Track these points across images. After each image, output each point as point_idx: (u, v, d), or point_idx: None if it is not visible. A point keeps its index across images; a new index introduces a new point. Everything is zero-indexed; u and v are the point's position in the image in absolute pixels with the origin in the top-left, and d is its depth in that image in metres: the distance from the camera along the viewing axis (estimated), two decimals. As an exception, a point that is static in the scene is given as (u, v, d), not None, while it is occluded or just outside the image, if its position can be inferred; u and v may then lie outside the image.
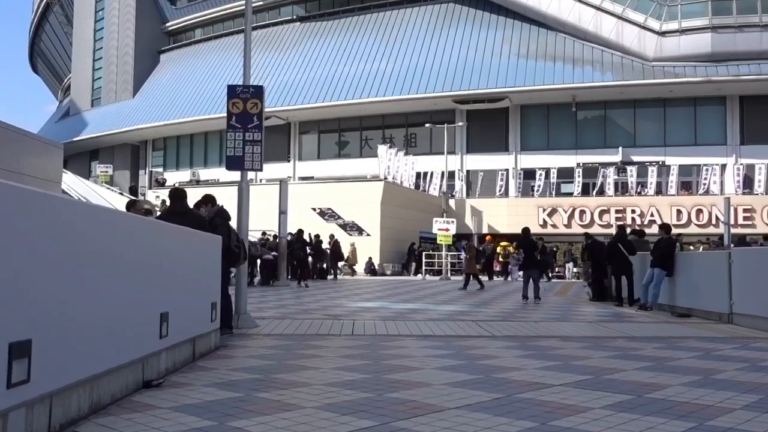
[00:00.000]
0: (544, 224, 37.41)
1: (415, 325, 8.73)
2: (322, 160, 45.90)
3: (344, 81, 43.71)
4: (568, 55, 39.84)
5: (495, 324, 8.98)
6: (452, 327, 8.60)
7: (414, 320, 9.47)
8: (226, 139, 8.57)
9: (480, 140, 42.47)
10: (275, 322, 8.89)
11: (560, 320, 9.77)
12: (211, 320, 6.24)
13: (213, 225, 7.43)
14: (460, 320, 9.51)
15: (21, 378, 2.81)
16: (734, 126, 38.67)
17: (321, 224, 30.73)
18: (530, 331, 8.28)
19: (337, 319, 9.38)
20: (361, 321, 9.20)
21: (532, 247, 13.72)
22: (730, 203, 23.65)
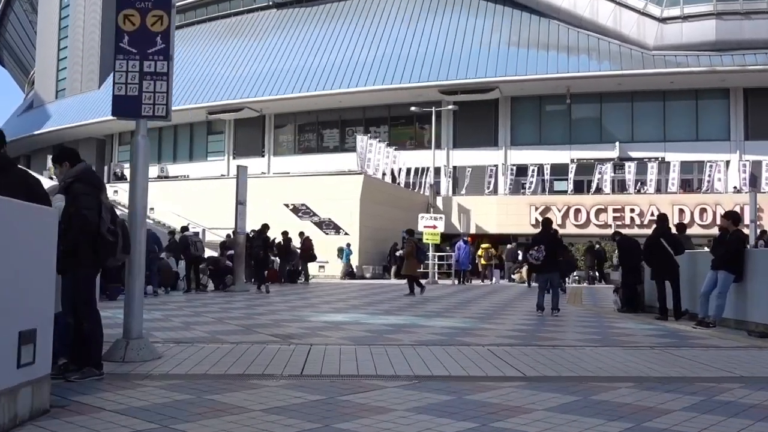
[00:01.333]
0: (536, 224, 34.43)
1: (400, 356, 5.84)
2: (298, 155, 42.87)
3: (323, 70, 40.74)
4: (562, 44, 37.19)
5: (517, 352, 6.12)
6: (456, 358, 5.72)
7: (397, 345, 6.58)
8: (114, 70, 5.59)
9: (468, 134, 39.67)
10: (192, 350, 5.95)
11: (605, 343, 6.93)
12: (17, 364, 3.29)
13: (72, 194, 4.51)
14: (465, 345, 6.65)
15: None
16: (738, 120, 36.21)
17: (295, 222, 27.77)
18: (576, 364, 5.44)
19: (286, 343, 6.47)
20: (322, 346, 6.31)
21: (556, 244, 10.91)
22: (756, 199, 21.00)
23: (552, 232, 11.04)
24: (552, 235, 10.96)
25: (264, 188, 29.59)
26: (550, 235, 10.91)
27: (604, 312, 11.31)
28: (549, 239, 10.69)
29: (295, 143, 43.95)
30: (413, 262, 15.38)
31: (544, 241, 10.55)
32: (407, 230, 15.74)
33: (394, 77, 38.54)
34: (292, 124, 44.01)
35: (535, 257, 10.39)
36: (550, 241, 10.66)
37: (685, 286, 9.83)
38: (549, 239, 10.69)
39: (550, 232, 10.94)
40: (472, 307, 12.13)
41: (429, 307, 11.99)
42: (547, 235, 10.77)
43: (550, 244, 10.57)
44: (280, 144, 44.41)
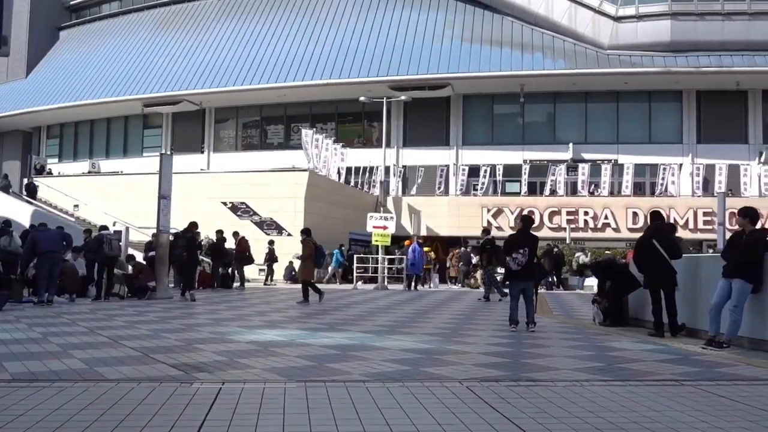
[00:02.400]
0: (488, 226, 33.31)
1: (347, 403, 4.09)
2: (241, 152, 40.61)
3: (267, 63, 38.64)
4: (516, 41, 36.08)
5: (508, 392, 4.46)
6: (428, 406, 4.01)
7: (343, 381, 4.83)
8: None
9: (418, 133, 38.18)
10: (41, 395, 4.06)
11: (614, 375, 5.32)
12: None
13: None
14: (434, 379, 4.93)
15: None
16: (690, 124, 35.75)
17: (234, 221, 25.72)
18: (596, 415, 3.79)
19: (189, 379, 4.64)
20: (238, 385, 4.52)
21: (536, 245, 9.35)
22: (725, 201, 19.97)
23: (531, 232, 9.45)
24: (535, 237, 9.40)
25: (201, 185, 27.44)
26: (533, 236, 9.35)
27: (583, 325, 9.78)
28: (532, 241, 9.15)
29: (237, 139, 41.66)
30: (310, 265, 13.55)
31: (528, 243, 8.99)
32: (303, 230, 13.98)
33: (342, 71, 36.77)
34: (234, 119, 41.72)
35: (519, 262, 8.81)
36: (534, 244, 9.11)
37: (682, 296, 8.36)
38: (532, 241, 9.15)
39: (531, 233, 9.37)
40: (431, 319, 10.46)
41: (381, 319, 10.26)
42: (530, 237, 9.22)
43: (533, 248, 9.03)
44: (221, 140, 42.05)
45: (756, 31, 33.11)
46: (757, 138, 35.26)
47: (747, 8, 33.28)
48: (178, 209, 22.79)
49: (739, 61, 33.23)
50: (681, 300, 8.36)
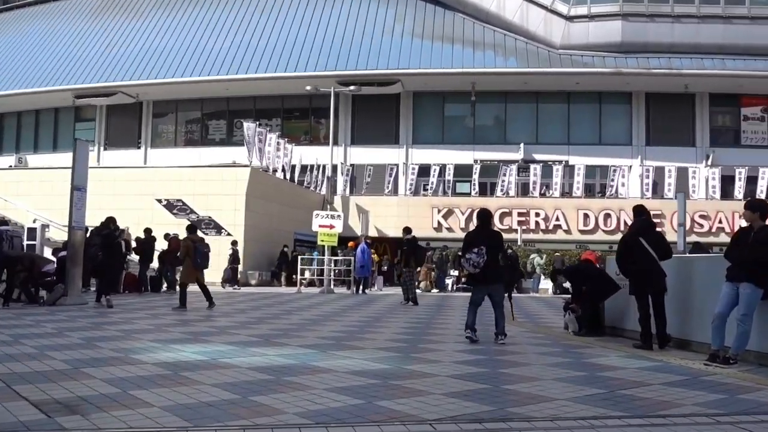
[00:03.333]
0: (438, 227, 32.40)
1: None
2: (180, 148, 38.59)
3: (209, 54, 36.75)
4: (468, 38, 35.23)
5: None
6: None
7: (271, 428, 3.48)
8: None
9: (367, 131, 36.94)
10: None
11: (627, 410, 4.13)
12: None
13: None
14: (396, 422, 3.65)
15: None
16: (640, 126, 35.55)
17: (169, 220, 23.95)
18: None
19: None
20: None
21: (499, 244, 8.05)
22: (685, 202, 19.28)
23: (495, 229, 8.23)
24: (495, 233, 8.16)
25: (134, 181, 25.55)
26: (491, 232, 8.12)
27: (556, 335, 8.67)
28: (490, 238, 7.89)
29: (176, 134, 39.60)
30: (189, 267, 12.10)
31: (485, 240, 7.75)
32: (187, 227, 12.53)
33: (289, 65, 35.23)
34: (174, 113, 39.64)
35: (475, 263, 7.56)
36: (493, 241, 7.87)
37: (669, 302, 7.31)
38: (490, 238, 7.89)
39: (491, 229, 8.16)
40: (384, 328, 9.20)
41: (327, 329, 8.93)
42: (487, 233, 7.98)
43: (493, 245, 7.78)
44: (159, 135, 39.91)
45: (704, 34, 33.10)
46: (705, 141, 35.32)
47: (696, 11, 33.24)
48: (108, 207, 21.06)
49: (687, 64, 33.15)
50: (668, 307, 7.31)
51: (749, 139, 35.70)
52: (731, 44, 32.95)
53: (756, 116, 35.77)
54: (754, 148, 35.28)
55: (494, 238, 7.96)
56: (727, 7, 33.04)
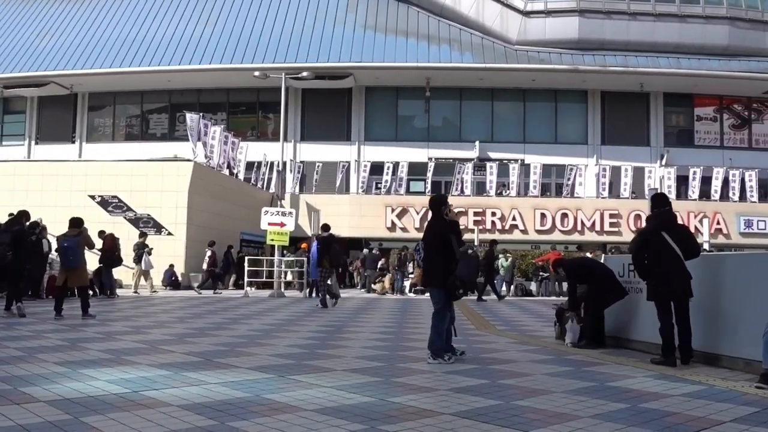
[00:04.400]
0: (392, 227, 31.17)
1: None
2: (118, 143, 36.31)
3: (149, 43, 34.64)
4: (422, 32, 34.11)
5: None
6: None
7: None
8: None
9: (318, 126, 35.44)
10: None
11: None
12: None
13: None
14: None
15: None
16: (595, 125, 35.12)
17: (104, 218, 22.01)
18: None
19: None
20: None
21: (431, 239, 6.53)
22: None
23: (446, 219, 6.63)
24: (428, 225, 6.70)
25: (65, 176, 23.45)
26: (435, 221, 6.68)
27: (552, 346, 7.45)
28: (429, 229, 6.60)
29: (114, 128, 37.27)
30: (82, 268, 10.39)
31: (427, 233, 6.51)
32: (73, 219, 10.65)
33: (235, 56, 33.43)
34: (111, 106, 37.31)
35: (418, 262, 6.37)
36: (426, 234, 6.56)
37: (694, 310, 6.17)
38: (429, 229, 6.60)
39: (441, 218, 6.69)
40: (350, 340, 7.85)
41: (282, 343, 7.51)
42: (430, 223, 6.68)
43: (426, 240, 6.50)
44: (95, 129, 37.52)
45: (660, 33, 32.84)
46: (659, 141, 35.11)
47: (652, 9, 32.95)
48: (36, 204, 19.08)
49: (643, 62, 32.83)
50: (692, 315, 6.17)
51: (702, 139, 35.68)
52: (686, 43, 32.78)
53: (709, 116, 35.78)
54: (707, 148, 35.27)
55: (426, 230, 6.65)
56: (683, 5, 32.85)
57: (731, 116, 35.96)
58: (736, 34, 32.85)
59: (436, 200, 6.79)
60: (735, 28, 32.90)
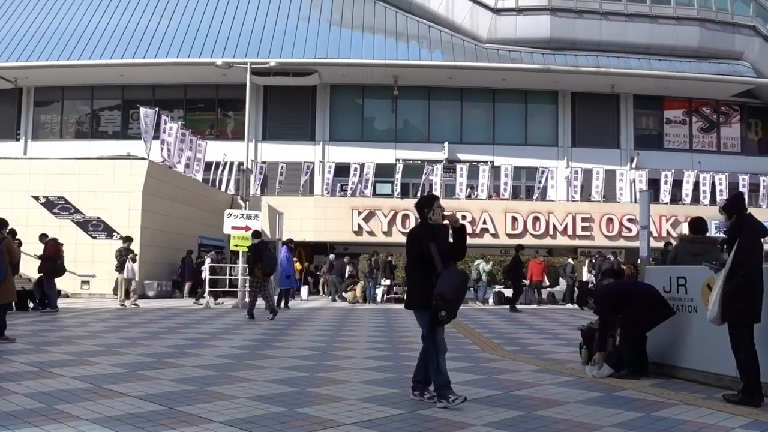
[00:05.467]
0: (359, 230, 29.87)
1: None
2: (67, 141, 34.15)
3: (101, 35, 32.62)
4: (390, 29, 32.92)
5: None
6: None
7: None
8: None
9: (281, 126, 33.93)
10: None
11: None
12: None
13: None
14: None
15: None
16: (566, 127, 34.46)
17: (50, 221, 20.23)
18: None
19: None
20: None
21: (410, 250, 5.40)
22: (648, 199, 17.31)
23: (430, 223, 5.40)
24: (422, 228, 5.48)
25: (5, 174, 21.49)
26: (416, 226, 5.60)
27: (585, 376, 6.23)
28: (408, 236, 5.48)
29: (62, 125, 35.07)
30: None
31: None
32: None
33: (193, 50, 31.70)
34: (59, 101, 35.12)
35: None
36: (408, 239, 5.44)
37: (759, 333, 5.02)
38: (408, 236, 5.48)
39: (423, 222, 5.45)
40: (340, 369, 6.50)
41: (260, 376, 6.14)
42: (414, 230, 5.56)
43: (407, 247, 5.40)
44: (42, 126, 35.27)
45: (632, 34, 32.35)
46: (629, 143, 34.66)
47: (623, 9, 32.43)
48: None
49: (615, 63, 32.29)
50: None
51: (671, 142, 35.37)
52: (657, 44, 32.34)
53: (678, 119, 35.49)
54: (676, 151, 34.96)
55: (412, 241, 5.45)
56: (654, 6, 32.40)
57: (700, 119, 35.74)
58: (707, 36, 32.55)
59: (420, 202, 5.59)
60: (705, 29, 32.59)
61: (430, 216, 5.38)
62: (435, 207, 5.44)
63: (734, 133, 35.97)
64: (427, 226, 5.38)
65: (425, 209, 5.45)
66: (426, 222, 5.41)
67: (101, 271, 20.31)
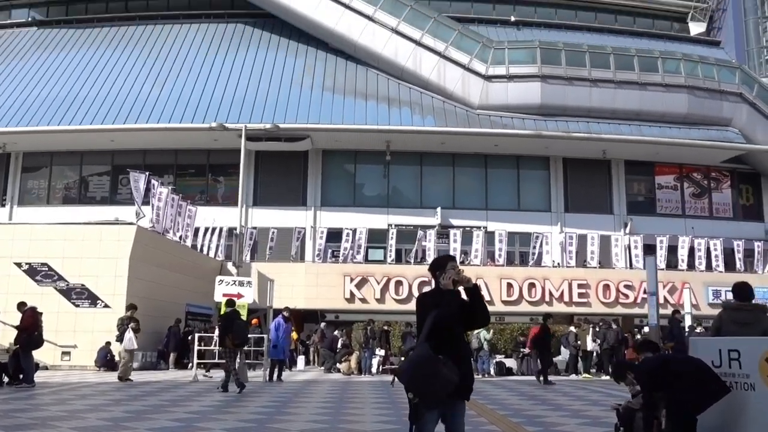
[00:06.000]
0: (351, 297, 29.11)
1: None
2: (54, 207, 33.54)
3: (93, 101, 32.52)
4: (382, 94, 33.07)
5: None
6: None
7: None
8: None
9: (271, 190, 33.56)
10: None
11: None
12: None
13: None
14: None
15: None
16: (558, 192, 34.33)
17: (32, 289, 19.44)
18: None
19: None
20: None
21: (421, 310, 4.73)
22: (655, 265, 16.85)
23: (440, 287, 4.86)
24: (429, 294, 4.96)
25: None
26: (429, 292, 5.00)
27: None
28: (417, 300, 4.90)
29: (49, 191, 34.47)
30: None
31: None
32: None
33: (185, 116, 31.56)
34: (48, 167, 34.67)
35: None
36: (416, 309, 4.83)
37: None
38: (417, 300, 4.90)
39: (434, 287, 4.93)
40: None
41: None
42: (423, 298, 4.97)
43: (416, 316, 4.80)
44: (29, 191, 34.70)
45: (621, 100, 32.67)
46: (622, 209, 34.53)
47: (612, 76, 32.82)
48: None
49: (606, 129, 32.46)
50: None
51: (664, 207, 35.29)
52: (647, 111, 32.65)
53: (669, 185, 35.52)
54: (669, 216, 34.84)
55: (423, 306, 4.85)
56: (642, 74, 32.83)
57: (691, 185, 35.79)
58: (695, 103, 32.92)
59: (432, 265, 5.03)
60: (694, 96, 32.99)
61: (442, 278, 4.89)
62: (447, 269, 4.92)
63: (725, 199, 35.99)
64: (437, 291, 4.88)
65: (437, 272, 4.94)
66: (438, 287, 4.91)
67: (83, 342, 19.49)
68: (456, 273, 4.91)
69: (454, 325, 4.72)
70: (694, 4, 40.44)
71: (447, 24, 33.93)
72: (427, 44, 33.11)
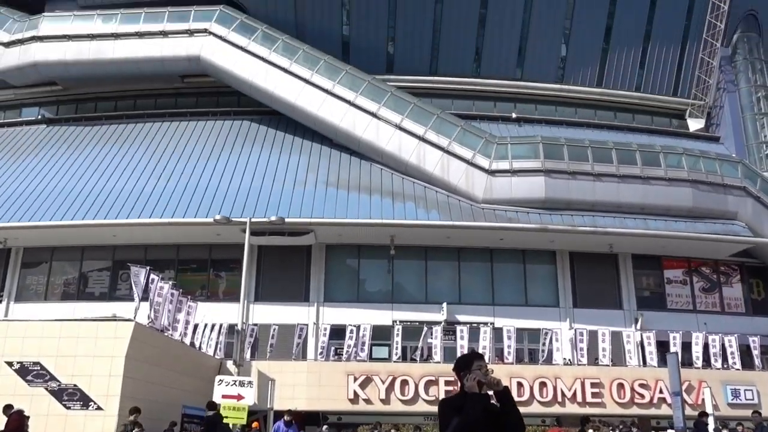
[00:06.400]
0: (355, 398, 27.87)
1: None
2: (52, 303, 32.93)
3: (96, 197, 32.49)
4: (386, 189, 33.10)
5: None
6: None
7: None
8: None
9: (273, 286, 32.98)
10: None
11: None
12: None
13: None
14: None
15: None
16: (566, 286, 33.75)
17: (22, 389, 18.51)
18: None
19: None
20: None
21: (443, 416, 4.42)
22: (677, 362, 16.06)
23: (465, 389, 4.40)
24: (453, 398, 4.47)
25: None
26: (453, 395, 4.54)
27: None
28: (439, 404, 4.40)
29: (47, 286, 33.90)
30: None
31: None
32: None
33: (188, 211, 31.46)
34: (48, 262, 34.27)
35: None
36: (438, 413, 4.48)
37: None
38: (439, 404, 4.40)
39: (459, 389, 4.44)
40: None
41: None
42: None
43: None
44: (27, 287, 34.14)
45: (625, 194, 32.62)
46: (632, 304, 33.81)
47: (615, 171, 32.92)
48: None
49: (611, 222, 32.25)
50: None
51: (674, 302, 34.56)
52: (652, 204, 32.55)
53: (678, 279, 34.95)
54: (680, 311, 34.04)
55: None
56: (645, 168, 32.95)
57: (701, 279, 35.21)
58: (700, 197, 32.85)
59: (456, 364, 4.64)
60: (698, 190, 32.96)
61: (465, 381, 4.38)
62: (473, 369, 4.40)
63: (737, 293, 35.31)
64: (461, 395, 4.35)
65: (461, 372, 4.44)
66: (462, 389, 4.39)
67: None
68: (483, 374, 4.40)
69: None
70: (691, 101, 41.21)
71: (450, 120, 34.41)
72: (431, 140, 33.44)
